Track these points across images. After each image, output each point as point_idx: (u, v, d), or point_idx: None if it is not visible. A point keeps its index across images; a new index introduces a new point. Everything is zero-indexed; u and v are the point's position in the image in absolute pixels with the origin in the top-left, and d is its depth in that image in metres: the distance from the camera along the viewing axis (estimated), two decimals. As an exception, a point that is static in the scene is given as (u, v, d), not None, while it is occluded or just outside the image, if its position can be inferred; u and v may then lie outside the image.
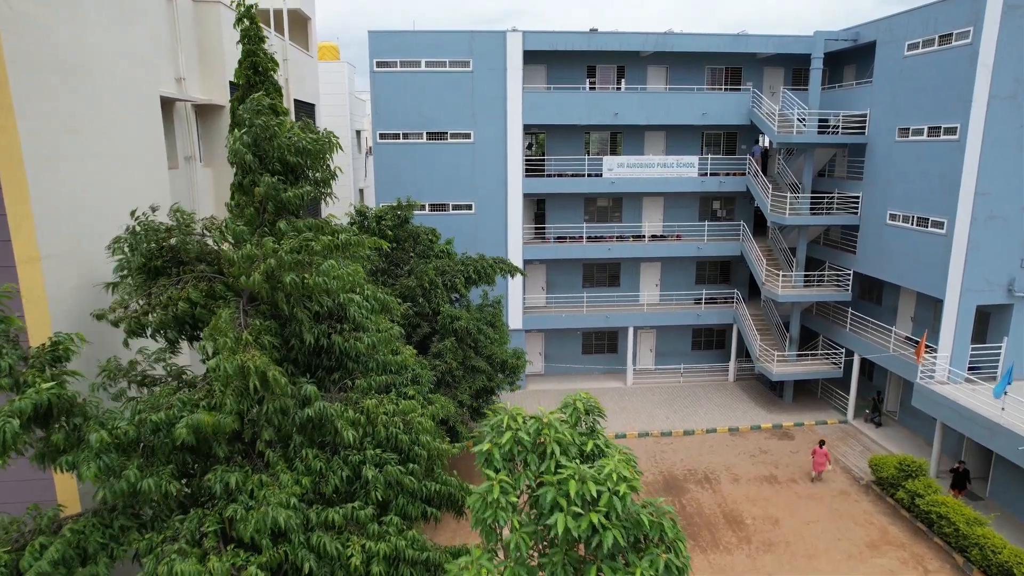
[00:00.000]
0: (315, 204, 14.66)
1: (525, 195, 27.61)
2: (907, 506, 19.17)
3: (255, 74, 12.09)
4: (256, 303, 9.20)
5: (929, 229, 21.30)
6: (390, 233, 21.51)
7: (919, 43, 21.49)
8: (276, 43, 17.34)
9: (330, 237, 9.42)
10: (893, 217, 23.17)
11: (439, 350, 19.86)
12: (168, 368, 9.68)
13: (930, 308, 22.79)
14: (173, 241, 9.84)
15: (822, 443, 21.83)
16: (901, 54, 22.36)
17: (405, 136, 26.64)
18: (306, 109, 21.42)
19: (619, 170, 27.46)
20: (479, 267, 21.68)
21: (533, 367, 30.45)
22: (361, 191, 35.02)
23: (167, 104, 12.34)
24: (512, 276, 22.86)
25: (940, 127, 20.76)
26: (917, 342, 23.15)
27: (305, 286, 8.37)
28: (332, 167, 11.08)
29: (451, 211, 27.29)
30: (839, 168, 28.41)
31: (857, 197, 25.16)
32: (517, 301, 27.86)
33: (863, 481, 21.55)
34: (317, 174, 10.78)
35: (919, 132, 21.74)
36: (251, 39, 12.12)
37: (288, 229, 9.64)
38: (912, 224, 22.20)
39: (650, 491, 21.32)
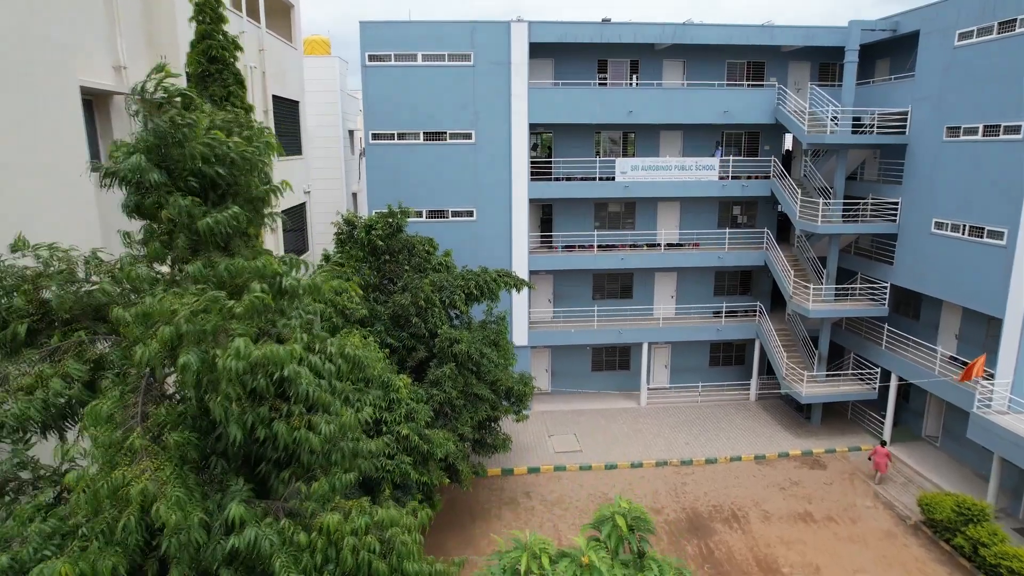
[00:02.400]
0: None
1: (531, 200, 25.39)
2: (967, 555, 16.94)
3: (210, 62, 9.85)
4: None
5: (985, 240, 19.08)
6: (381, 244, 19.30)
7: (973, 31, 19.27)
8: (251, 30, 15.13)
9: (258, 293, 6.57)
10: (939, 225, 20.94)
11: (437, 377, 17.63)
12: (36, 470, 6.91)
13: (981, 326, 20.56)
14: (47, 294, 7.23)
15: (884, 442, 21.00)
16: (951, 44, 20.14)
17: (400, 136, 24.42)
18: (288, 106, 19.20)
19: (633, 173, 25.24)
20: (481, 282, 19.49)
21: (539, 385, 28.23)
22: (354, 195, 32.83)
23: (100, 98, 10.13)
24: (518, 291, 20.65)
25: (999, 126, 18.54)
26: (964, 363, 20.95)
27: (216, 369, 5.82)
28: (275, 182, 8.61)
29: (450, 218, 25.05)
30: (869, 170, 26.20)
31: (895, 203, 22.93)
32: (522, 315, 25.63)
33: (910, 521, 19.31)
34: (253, 190, 8.23)
35: (972, 131, 19.52)
36: (206, 16, 9.89)
37: (203, 273, 7.05)
38: (963, 234, 19.98)
39: (673, 531, 19.10)
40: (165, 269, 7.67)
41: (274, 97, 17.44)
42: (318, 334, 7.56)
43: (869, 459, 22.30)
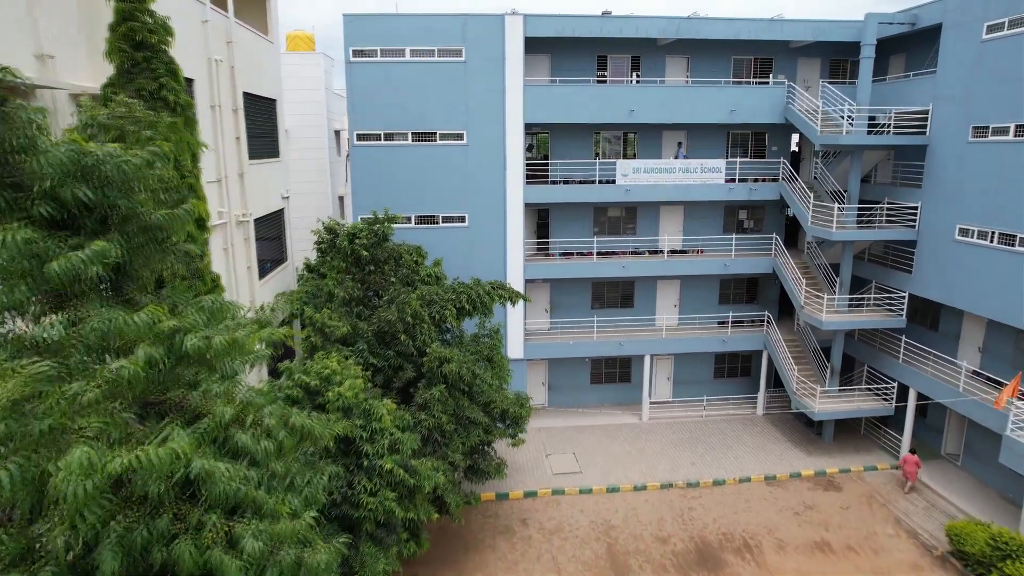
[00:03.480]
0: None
1: (526, 205, 23.91)
2: (1004, 593, 15.57)
3: (135, 48, 8.30)
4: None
5: (1017, 248, 17.71)
6: (365, 254, 17.78)
7: (1003, 23, 17.91)
8: (216, 20, 13.59)
9: (127, 365, 4.74)
10: (964, 232, 19.58)
11: (425, 400, 16.12)
12: None
13: (1009, 339, 19.22)
14: None
15: (913, 450, 20.88)
16: (978, 38, 18.78)
17: (387, 137, 22.89)
18: (263, 105, 17.65)
19: (635, 176, 23.79)
20: (473, 295, 18.01)
21: (536, 400, 26.75)
22: (341, 199, 31.28)
23: (16, 94, 8.59)
24: (512, 304, 19.17)
25: (1032, 125, 17.22)
26: (989, 379, 19.61)
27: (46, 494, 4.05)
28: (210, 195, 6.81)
29: (441, 224, 23.54)
30: (882, 173, 24.85)
31: (914, 208, 21.57)
32: (517, 327, 24.15)
33: (937, 552, 17.93)
34: (146, 217, 6.02)
35: (1002, 131, 18.16)
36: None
37: (65, 336, 5.12)
38: (991, 241, 18.62)
39: (681, 564, 17.66)
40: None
41: (246, 95, 15.89)
42: (252, 401, 5.94)
43: (898, 468, 21.51)
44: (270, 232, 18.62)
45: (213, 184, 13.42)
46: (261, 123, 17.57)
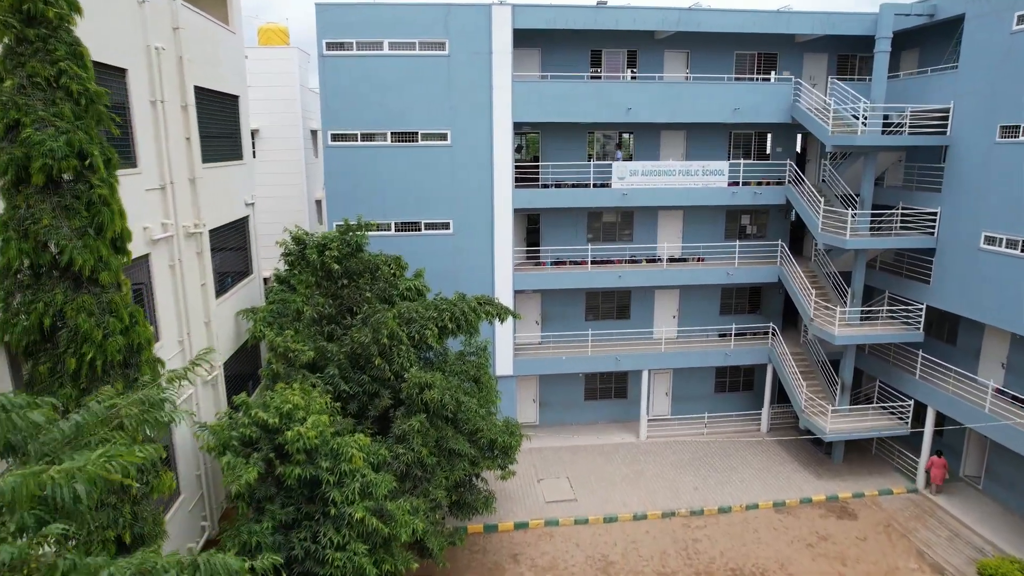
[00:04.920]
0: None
1: (516, 210, 22.20)
2: (1048, 644, 14.07)
3: (27, 24, 6.52)
4: None
5: (1053, 259, 16.26)
6: (337, 267, 15.99)
7: (1037, 14, 16.45)
8: (158, 2, 11.75)
9: None
10: (990, 240, 18.09)
11: (404, 432, 14.36)
12: None
13: (1039, 357, 17.76)
14: None
15: (939, 452, 20.48)
16: (1006, 30, 17.28)
17: (365, 137, 21.10)
18: (223, 102, 15.83)
19: (632, 179, 22.15)
20: (457, 312, 16.25)
21: (526, 417, 25.08)
22: (319, 202, 29.42)
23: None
24: (500, 321, 17.45)
25: (1071, 125, 15.74)
26: (1014, 397, 18.14)
27: None
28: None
29: (424, 231, 21.78)
30: (892, 176, 23.38)
31: (933, 214, 20.08)
32: (506, 340, 22.44)
33: (967, 591, 16.43)
34: None
35: (1035, 131, 16.71)
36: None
37: None
38: (1022, 251, 17.12)
39: (688, 609, 16.03)
40: None
41: (201, 90, 14.08)
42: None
43: (926, 472, 20.69)
44: (232, 243, 16.78)
45: (155, 192, 11.60)
46: (220, 122, 15.74)
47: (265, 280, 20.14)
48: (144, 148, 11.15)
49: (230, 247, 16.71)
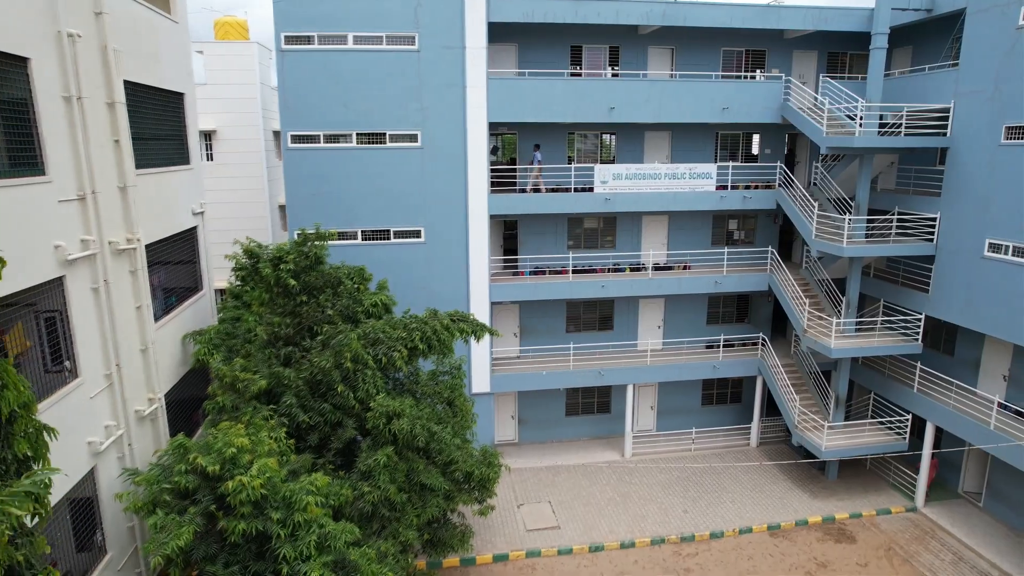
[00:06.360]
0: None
1: (492, 216, 20.78)
2: None
3: None
4: None
5: (1067, 269, 15.27)
6: (293, 283, 14.40)
7: (1047, 7, 15.46)
8: (77, -18, 10.09)
9: None
10: (995, 248, 17.09)
11: (369, 467, 12.83)
12: None
13: (1046, 371, 16.81)
14: None
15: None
16: (1012, 24, 16.27)
17: (329, 139, 19.50)
18: (165, 100, 14.15)
19: (615, 183, 20.84)
20: (428, 331, 14.75)
21: (505, 435, 23.68)
22: (282, 207, 27.68)
23: None
24: (476, 339, 15.98)
25: (1085, 125, 14.76)
26: (1017, 412, 17.19)
27: None
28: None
29: (393, 239, 20.23)
30: (885, 179, 22.41)
31: (932, 219, 19.07)
32: (483, 355, 20.99)
33: (978, 624, 15.38)
34: None
35: (1045, 133, 15.72)
36: None
37: None
38: (1031, 259, 16.16)
39: (683, 652, 14.74)
40: None
41: (135, 85, 12.42)
42: None
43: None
44: (178, 256, 15.10)
45: (70, 204, 9.94)
46: (161, 122, 14.07)
47: (223, 292, 18.48)
48: (55, 152, 9.49)
49: (175, 261, 15.02)
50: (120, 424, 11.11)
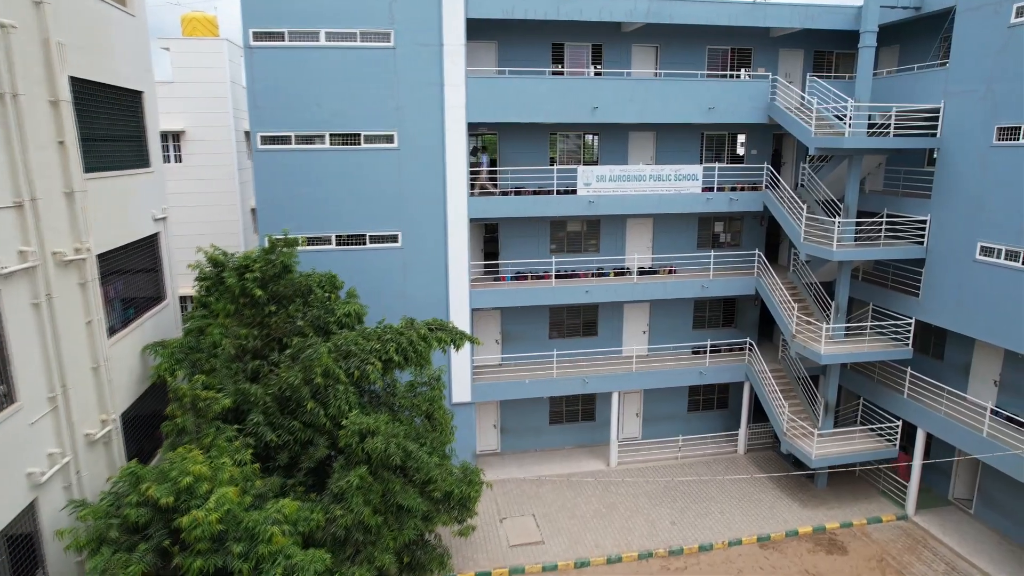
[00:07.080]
0: None
1: (472, 220, 20.06)
2: None
3: None
4: None
5: (1062, 274, 14.88)
6: (259, 293, 13.56)
7: (1040, 4, 15.06)
8: (13, -30, 9.20)
9: None
10: (987, 251, 16.70)
11: (341, 489, 12.05)
12: None
13: (1038, 376, 16.44)
14: None
15: (904, 448, 19.81)
16: (1004, 23, 15.88)
17: (301, 140, 18.64)
18: (120, 98, 13.25)
19: (599, 185, 20.21)
20: (404, 342, 14.00)
21: (486, 444, 22.97)
22: (254, 211, 26.72)
23: None
24: (457, 348, 15.26)
25: (1081, 126, 14.37)
26: (1009, 418, 16.83)
27: None
28: None
29: (369, 244, 19.42)
30: (872, 180, 22.03)
31: (923, 222, 18.67)
32: (464, 363, 20.26)
33: (975, 640, 14.94)
34: None
35: (1039, 133, 15.33)
36: None
37: None
38: (1023, 263, 15.78)
39: (673, 675, 14.12)
40: None
41: (84, 82, 11.52)
42: None
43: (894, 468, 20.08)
44: (137, 265, 14.17)
45: (5, 211, 9.06)
46: (116, 122, 13.16)
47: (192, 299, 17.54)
48: (-15, 155, 8.61)
49: (135, 270, 14.09)
50: (66, 451, 10.22)
